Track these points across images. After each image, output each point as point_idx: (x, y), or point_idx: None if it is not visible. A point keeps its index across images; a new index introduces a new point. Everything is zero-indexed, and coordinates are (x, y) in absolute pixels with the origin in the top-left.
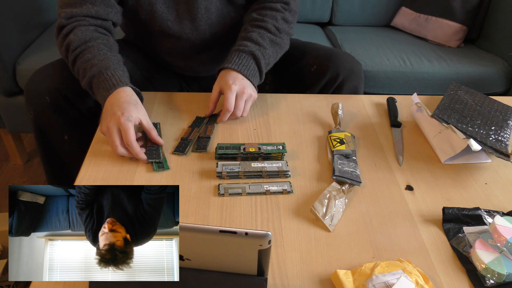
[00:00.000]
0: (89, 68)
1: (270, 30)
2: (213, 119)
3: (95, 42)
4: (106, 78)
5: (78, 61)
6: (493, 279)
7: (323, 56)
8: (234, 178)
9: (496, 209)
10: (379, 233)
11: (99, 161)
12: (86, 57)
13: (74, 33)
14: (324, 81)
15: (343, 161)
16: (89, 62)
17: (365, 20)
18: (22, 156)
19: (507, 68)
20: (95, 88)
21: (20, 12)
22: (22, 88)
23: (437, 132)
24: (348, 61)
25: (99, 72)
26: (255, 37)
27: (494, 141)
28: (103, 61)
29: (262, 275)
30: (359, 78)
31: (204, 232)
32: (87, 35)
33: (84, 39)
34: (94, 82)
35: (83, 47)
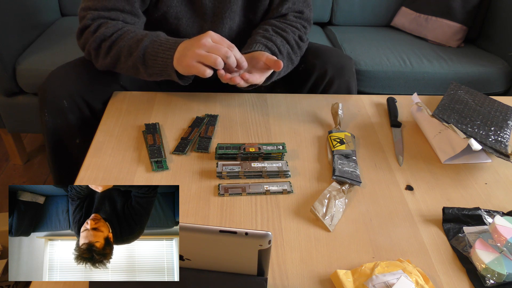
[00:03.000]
0: (136, 43)
1: (290, 43)
2: (213, 120)
3: (130, 27)
4: (163, 41)
5: (118, 44)
6: (493, 279)
7: (309, 54)
8: (234, 178)
9: (496, 209)
10: (379, 233)
11: (99, 161)
12: (128, 37)
13: (105, 26)
14: (312, 79)
15: (343, 161)
16: (134, 39)
17: (365, 20)
18: (22, 156)
19: (507, 68)
20: (153, 56)
21: (20, 12)
22: (22, 88)
23: (437, 132)
24: (335, 56)
25: (151, 41)
26: (279, 43)
27: (493, 142)
28: (148, 34)
29: (262, 275)
30: (350, 72)
31: (204, 232)
32: (118, 25)
33: (117, 27)
34: (148, 52)
35: (119, 33)
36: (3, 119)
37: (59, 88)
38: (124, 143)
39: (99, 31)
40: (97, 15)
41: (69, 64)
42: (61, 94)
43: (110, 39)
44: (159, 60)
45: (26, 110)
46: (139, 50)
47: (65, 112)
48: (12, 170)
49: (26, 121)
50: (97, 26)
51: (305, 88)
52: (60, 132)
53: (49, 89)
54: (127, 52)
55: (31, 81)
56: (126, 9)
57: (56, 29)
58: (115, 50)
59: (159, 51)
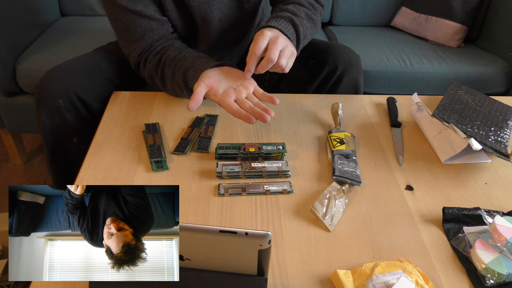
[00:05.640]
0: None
1: (304, 5)
2: (213, 120)
3: (166, 55)
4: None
5: (166, 80)
6: (493, 279)
7: (320, 50)
8: (234, 178)
9: (496, 209)
10: (379, 233)
11: (99, 161)
12: (167, 73)
13: (148, 61)
14: (323, 74)
15: (343, 161)
16: (173, 76)
17: (365, 20)
18: (22, 156)
19: (507, 68)
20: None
21: (20, 12)
22: (22, 88)
23: (437, 132)
24: (346, 53)
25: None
26: (291, 9)
27: (493, 142)
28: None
29: (262, 275)
30: (359, 69)
31: (204, 232)
32: (157, 56)
33: (157, 58)
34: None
35: (161, 67)
36: (3, 119)
37: (54, 88)
38: (124, 143)
39: (146, 67)
40: (138, 48)
41: (65, 64)
42: (57, 93)
43: (157, 74)
44: None
45: (26, 110)
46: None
47: (61, 111)
48: (12, 170)
49: (26, 121)
50: (144, 62)
51: (314, 84)
52: (58, 131)
53: (44, 89)
54: (178, 88)
55: (31, 81)
56: (154, 26)
57: (56, 29)
58: (167, 84)
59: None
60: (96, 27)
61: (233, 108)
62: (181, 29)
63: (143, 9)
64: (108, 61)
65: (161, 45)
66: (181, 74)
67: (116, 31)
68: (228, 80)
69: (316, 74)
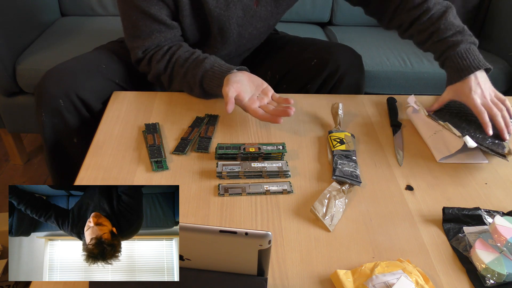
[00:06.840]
0: (191, 82)
1: (440, 17)
2: (213, 120)
3: (176, 56)
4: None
5: (175, 78)
6: (493, 279)
7: (322, 50)
8: (234, 178)
9: (496, 209)
10: (379, 233)
11: (99, 161)
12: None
13: (155, 59)
14: (325, 74)
15: (343, 161)
16: (185, 79)
17: (365, 20)
18: (22, 156)
19: (507, 68)
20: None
21: (20, 12)
22: (22, 88)
23: (432, 133)
24: (348, 53)
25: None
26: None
27: (490, 144)
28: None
29: (262, 275)
30: (360, 70)
31: (204, 232)
32: (166, 56)
33: (166, 59)
34: (205, 81)
35: (171, 66)
36: (3, 119)
37: (54, 88)
38: (124, 143)
39: (153, 66)
40: (143, 46)
41: (65, 64)
42: (56, 93)
43: (166, 72)
44: None
45: (26, 110)
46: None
47: (61, 111)
48: (12, 170)
49: (26, 121)
50: (149, 60)
51: (316, 84)
52: (58, 131)
53: (44, 89)
54: (187, 87)
55: (31, 81)
56: (162, 29)
57: (56, 29)
58: (175, 83)
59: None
60: (96, 27)
61: (259, 113)
62: (191, 35)
63: (156, 13)
64: (108, 60)
65: (168, 45)
66: (196, 75)
67: (124, 24)
68: (250, 86)
69: (317, 74)
